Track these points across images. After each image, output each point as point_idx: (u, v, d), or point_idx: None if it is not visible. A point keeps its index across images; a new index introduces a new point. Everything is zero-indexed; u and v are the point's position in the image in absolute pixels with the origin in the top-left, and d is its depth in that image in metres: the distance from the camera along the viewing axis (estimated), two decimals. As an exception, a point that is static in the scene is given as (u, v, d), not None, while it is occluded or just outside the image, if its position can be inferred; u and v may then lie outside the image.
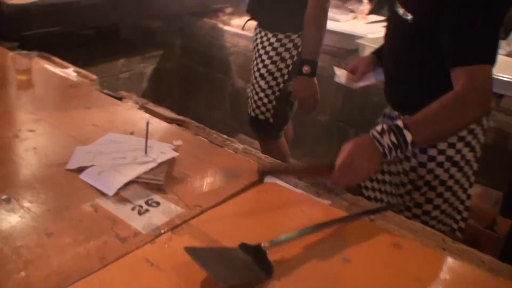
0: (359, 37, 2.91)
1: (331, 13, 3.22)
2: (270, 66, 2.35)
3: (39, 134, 1.43)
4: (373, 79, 1.81)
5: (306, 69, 2.15)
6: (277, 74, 2.35)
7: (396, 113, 1.63)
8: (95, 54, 3.18)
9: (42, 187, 1.19)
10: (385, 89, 1.67)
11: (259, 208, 1.17)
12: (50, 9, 2.52)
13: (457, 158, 1.54)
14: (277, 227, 1.11)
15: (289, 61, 2.34)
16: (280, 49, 2.33)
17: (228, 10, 3.76)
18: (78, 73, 2.20)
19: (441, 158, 1.53)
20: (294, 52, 2.34)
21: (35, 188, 1.18)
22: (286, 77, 2.36)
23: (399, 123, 1.22)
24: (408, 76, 1.54)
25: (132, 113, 1.66)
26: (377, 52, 1.80)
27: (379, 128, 1.24)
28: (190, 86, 3.82)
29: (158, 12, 3.28)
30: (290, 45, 2.33)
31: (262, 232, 1.08)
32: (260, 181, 1.29)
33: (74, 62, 3.02)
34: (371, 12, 3.35)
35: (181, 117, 1.84)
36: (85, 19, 2.76)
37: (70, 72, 2.17)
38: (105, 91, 1.95)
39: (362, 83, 1.86)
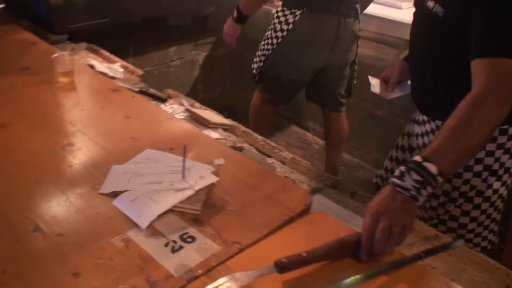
0: (422, 27, 2.69)
1: (392, -1, 3.02)
2: (267, 33, 2.53)
3: (76, 149, 1.37)
4: (406, 90, 1.68)
5: (234, 12, 2.49)
6: (268, 41, 2.50)
7: (424, 117, 1.52)
8: (145, 42, 3.12)
9: (73, 216, 1.12)
10: (412, 93, 1.56)
11: (303, 247, 1.00)
12: (98, 0, 2.47)
13: (496, 166, 1.41)
14: (320, 273, 1.01)
15: (279, 33, 2.44)
16: (276, 20, 2.46)
17: (284, -5, 3.61)
18: (125, 68, 2.14)
19: (478, 168, 1.40)
20: (285, 27, 2.41)
21: (66, 217, 1.12)
22: (275, 46, 2.46)
23: (417, 158, 1.06)
24: (437, 77, 1.41)
25: (173, 124, 1.57)
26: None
27: (397, 172, 1.07)
28: (242, 73, 3.71)
29: (210, -3, 3.20)
30: (282, 18, 2.41)
31: (304, 279, 0.98)
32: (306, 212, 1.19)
33: (124, 51, 2.99)
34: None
35: (227, 121, 1.75)
36: (135, 9, 2.70)
37: (117, 67, 2.12)
38: (151, 90, 1.88)
39: (394, 94, 1.75)
